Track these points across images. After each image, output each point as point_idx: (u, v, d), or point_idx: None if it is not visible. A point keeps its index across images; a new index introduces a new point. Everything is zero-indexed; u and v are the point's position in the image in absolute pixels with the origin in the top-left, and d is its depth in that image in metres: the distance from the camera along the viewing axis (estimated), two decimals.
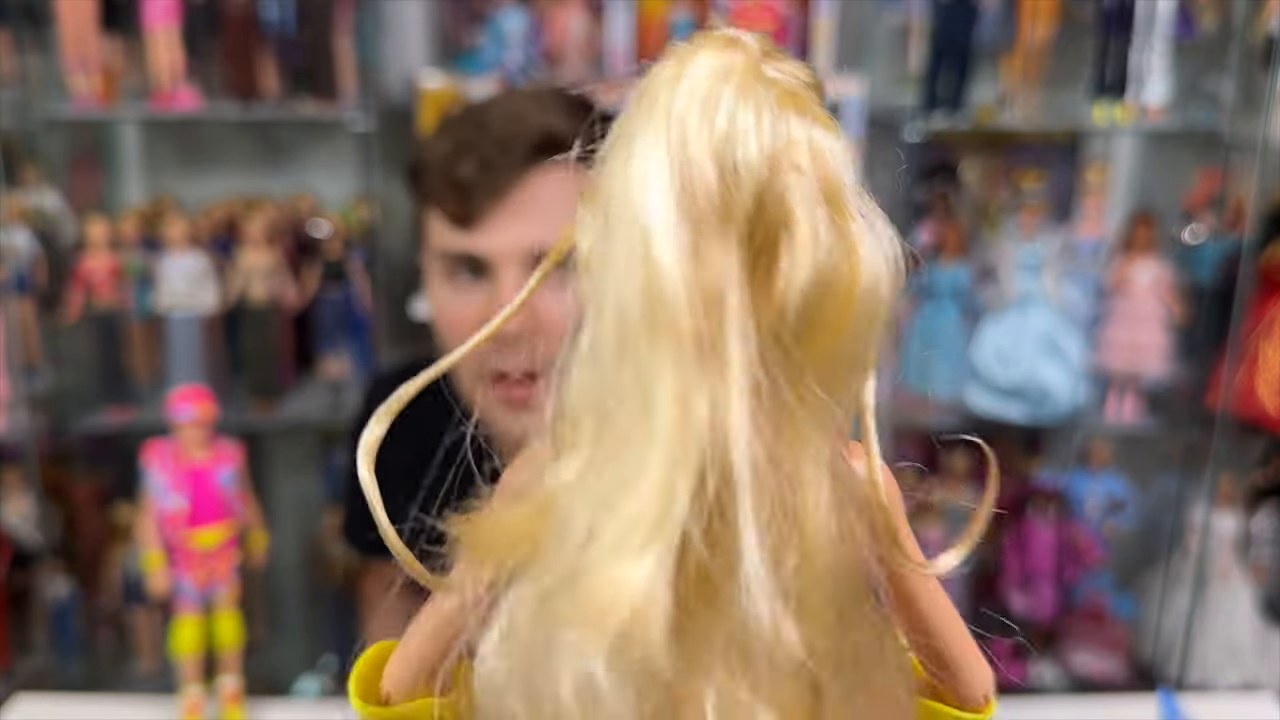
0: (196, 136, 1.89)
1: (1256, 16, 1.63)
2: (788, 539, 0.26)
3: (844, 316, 0.27)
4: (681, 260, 0.24)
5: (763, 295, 0.26)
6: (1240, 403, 1.67)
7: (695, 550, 0.25)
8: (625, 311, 0.25)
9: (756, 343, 0.25)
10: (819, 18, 1.71)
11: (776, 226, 0.26)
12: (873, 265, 0.27)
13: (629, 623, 0.24)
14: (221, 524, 1.15)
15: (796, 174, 0.26)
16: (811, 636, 0.27)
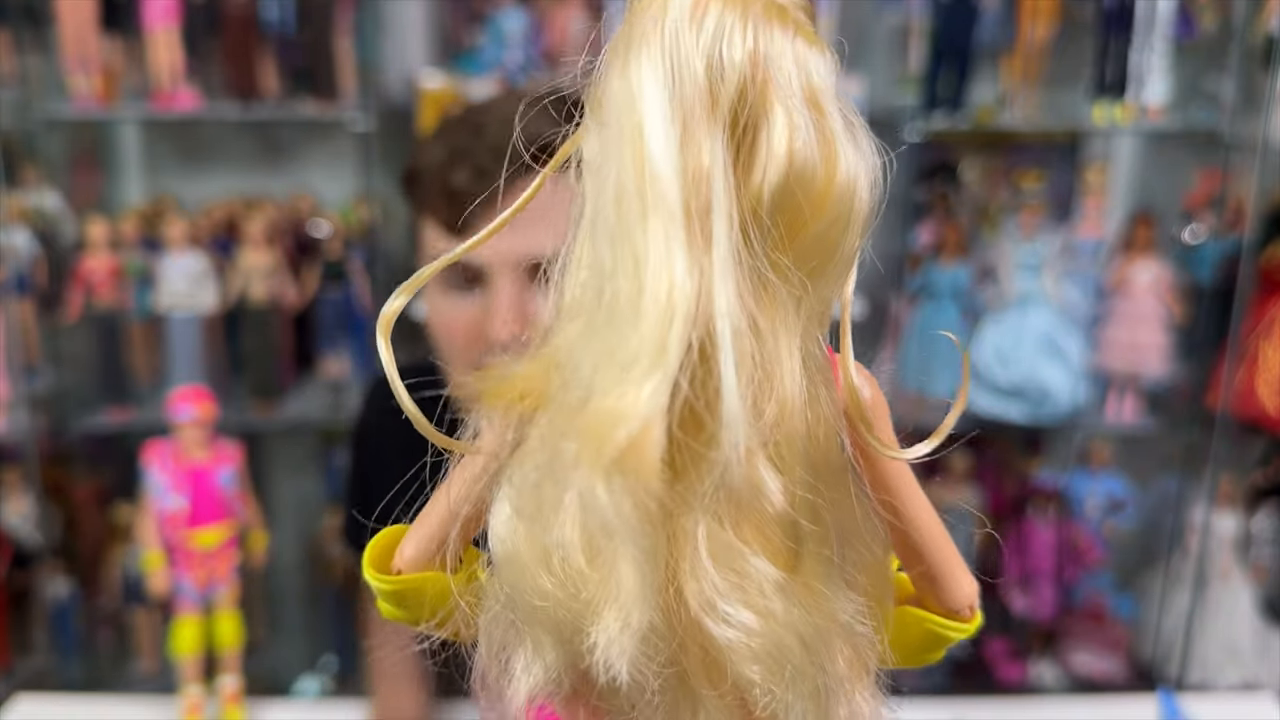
0: (196, 136, 1.88)
1: (1256, 16, 1.63)
2: (765, 393, 0.29)
3: (820, 206, 0.29)
4: (672, 145, 0.27)
5: (745, 179, 0.28)
6: (1240, 403, 1.67)
7: (684, 393, 0.28)
8: (623, 191, 0.28)
9: (739, 221, 0.28)
10: (819, 18, 1.71)
11: (758, 117, 0.28)
12: (850, 164, 0.30)
13: (627, 447, 0.27)
14: (221, 524, 1.15)
15: (778, 74, 0.28)
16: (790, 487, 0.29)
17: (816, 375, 0.31)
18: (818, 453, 0.30)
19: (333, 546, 1.79)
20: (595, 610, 0.29)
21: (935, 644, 0.37)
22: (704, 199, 0.28)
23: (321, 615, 1.87)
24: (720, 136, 0.28)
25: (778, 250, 0.29)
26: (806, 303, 0.30)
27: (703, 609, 0.29)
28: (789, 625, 0.30)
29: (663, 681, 0.30)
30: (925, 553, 0.36)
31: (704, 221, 0.28)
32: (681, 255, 0.27)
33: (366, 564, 0.37)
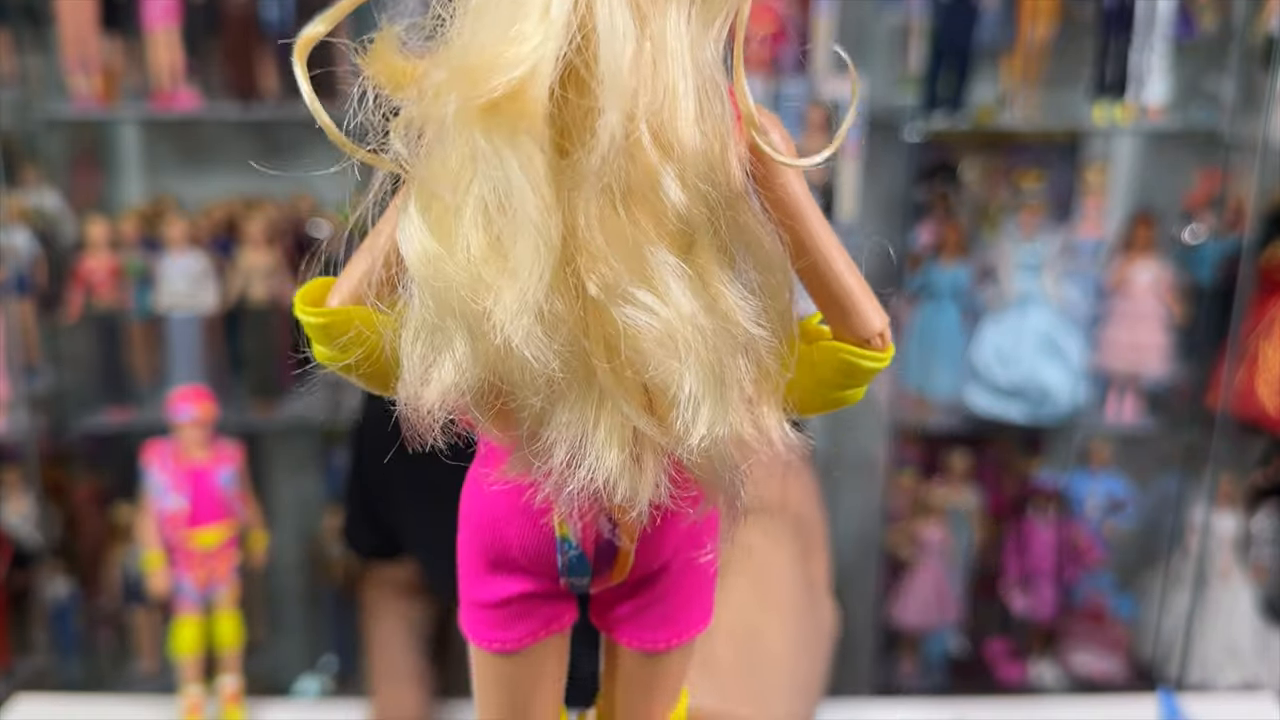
0: (196, 136, 1.88)
1: (1256, 16, 1.63)
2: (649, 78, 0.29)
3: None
4: None
5: None
6: (1240, 403, 1.67)
7: (567, 57, 0.29)
8: None
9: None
10: (819, 18, 1.71)
11: None
12: None
13: (506, 94, 0.28)
14: (221, 524, 1.15)
15: None
16: (684, 179, 0.30)
17: (708, 86, 0.31)
18: (712, 160, 0.31)
19: (333, 546, 1.80)
20: (496, 291, 0.30)
21: (850, 375, 0.36)
22: None
23: (321, 615, 1.87)
24: None
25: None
26: (697, 14, 0.30)
27: (600, 289, 0.30)
28: (684, 308, 0.30)
29: (564, 364, 0.30)
30: (828, 279, 0.36)
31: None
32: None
33: (298, 301, 0.38)
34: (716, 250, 0.32)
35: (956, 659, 1.88)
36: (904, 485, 1.83)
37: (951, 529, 1.81)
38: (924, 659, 1.87)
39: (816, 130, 1.69)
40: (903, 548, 1.82)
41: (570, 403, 0.32)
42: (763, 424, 0.34)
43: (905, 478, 1.83)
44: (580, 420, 0.32)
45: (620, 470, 0.32)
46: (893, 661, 1.87)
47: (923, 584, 1.80)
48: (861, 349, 0.36)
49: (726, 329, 0.31)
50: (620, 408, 0.31)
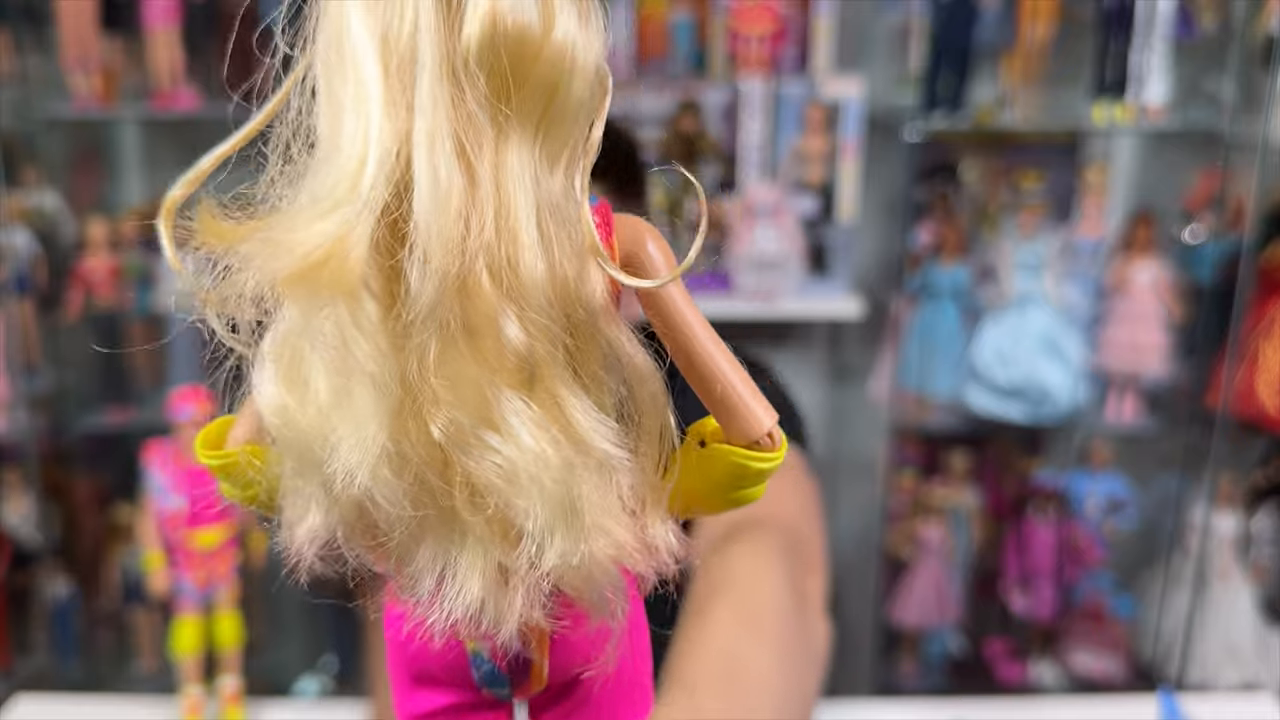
0: (196, 136, 1.88)
1: (1256, 16, 1.63)
2: (479, 222, 0.30)
3: (534, 64, 0.30)
4: (369, 10, 0.30)
5: (454, 33, 0.30)
6: (1240, 403, 1.67)
7: (383, 222, 0.30)
8: (326, 57, 0.30)
9: (449, 73, 0.30)
10: (819, 18, 1.71)
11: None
12: (567, 30, 0.31)
13: (318, 264, 0.29)
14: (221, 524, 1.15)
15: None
16: (526, 315, 0.31)
17: (554, 216, 0.32)
18: (557, 286, 0.31)
19: None
20: (342, 439, 0.31)
21: (743, 477, 0.36)
22: (405, 56, 0.30)
23: (321, 615, 1.87)
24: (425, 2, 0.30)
25: (496, 97, 0.30)
26: (541, 146, 0.31)
27: (443, 432, 0.31)
28: (529, 446, 0.31)
29: (415, 503, 0.32)
30: (712, 384, 0.36)
31: (406, 72, 0.30)
32: (378, 104, 0.29)
33: (198, 444, 0.38)
34: (566, 378, 0.32)
35: (956, 659, 1.88)
36: (904, 485, 1.83)
37: (951, 529, 1.81)
38: (924, 659, 1.87)
39: (816, 130, 1.69)
40: (903, 548, 1.82)
41: (431, 536, 0.33)
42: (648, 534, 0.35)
43: (905, 478, 1.83)
44: (442, 552, 0.33)
45: (485, 597, 0.33)
46: (893, 661, 1.87)
47: (923, 584, 1.80)
48: (751, 450, 0.36)
49: (580, 455, 0.32)
50: (477, 540, 0.32)
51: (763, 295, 1.70)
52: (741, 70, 1.69)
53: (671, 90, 1.69)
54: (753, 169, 1.71)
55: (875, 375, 1.81)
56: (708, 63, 1.74)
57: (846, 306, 1.74)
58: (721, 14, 1.71)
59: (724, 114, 1.70)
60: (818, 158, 1.70)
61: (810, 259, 1.73)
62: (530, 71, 0.31)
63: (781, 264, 1.68)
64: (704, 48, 1.75)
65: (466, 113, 0.30)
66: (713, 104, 1.70)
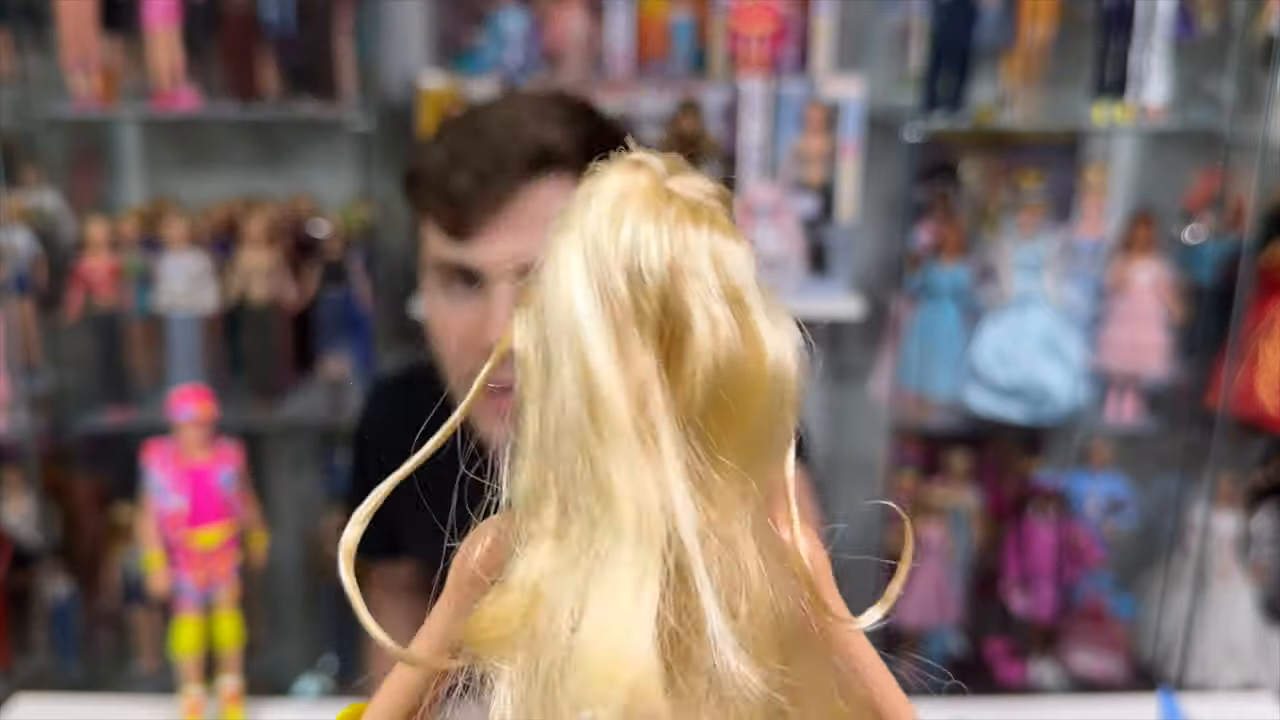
0: (196, 136, 1.88)
1: (1256, 16, 1.63)
2: (736, 594, 0.30)
3: (752, 396, 0.30)
4: (612, 359, 0.29)
5: (676, 386, 0.30)
6: (1240, 403, 1.67)
7: (667, 619, 0.29)
8: (569, 409, 0.29)
9: (680, 429, 0.29)
10: (819, 18, 1.71)
11: (681, 324, 0.29)
12: (775, 349, 0.30)
13: (632, 690, 0.27)
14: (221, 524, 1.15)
15: (695, 277, 0.30)
16: (767, 673, 0.30)
17: (772, 557, 0.32)
18: (787, 632, 0.32)
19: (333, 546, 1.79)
20: None
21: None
22: (648, 414, 0.29)
23: (321, 615, 1.87)
24: (650, 348, 0.29)
25: (719, 447, 0.30)
26: (755, 487, 0.31)
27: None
28: None
29: None
30: (876, 701, 0.37)
31: (651, 436, 0.29)
32: (640, 474, 0.28)
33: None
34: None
35: (956, 659, 1.88)
36: (904, 485, 1.83)
37: (951, 529, 1.81)
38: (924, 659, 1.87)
39: (816, 130, 1.69)
40: None
41: None
42: None
43: (905, 478, 1.83)
44: None
45: None
46: (893, 661, 1.87)
47: (923, 584, 1.80)
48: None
49: None
50: None
51: None
52: (741, 70, 1.69)
53: (671, 90, 1.69)
54: (753, 169, 1.71)
55: (875, 375, 1.81)
56: (708, 63, 1.74)
57: (846, 306, 1.74)
58: (721, 14, 1.71)
59: (724, 114, 1.70)
60: (818, 158, 1.70)
61: (810, 259, 1.73)
62: (749, 410, 0.30)
63: (781, 264, 1.68)
64: (704, 48, 1.74)
65: (698, 469, 0.30)
66: (713, 104, 1.70)
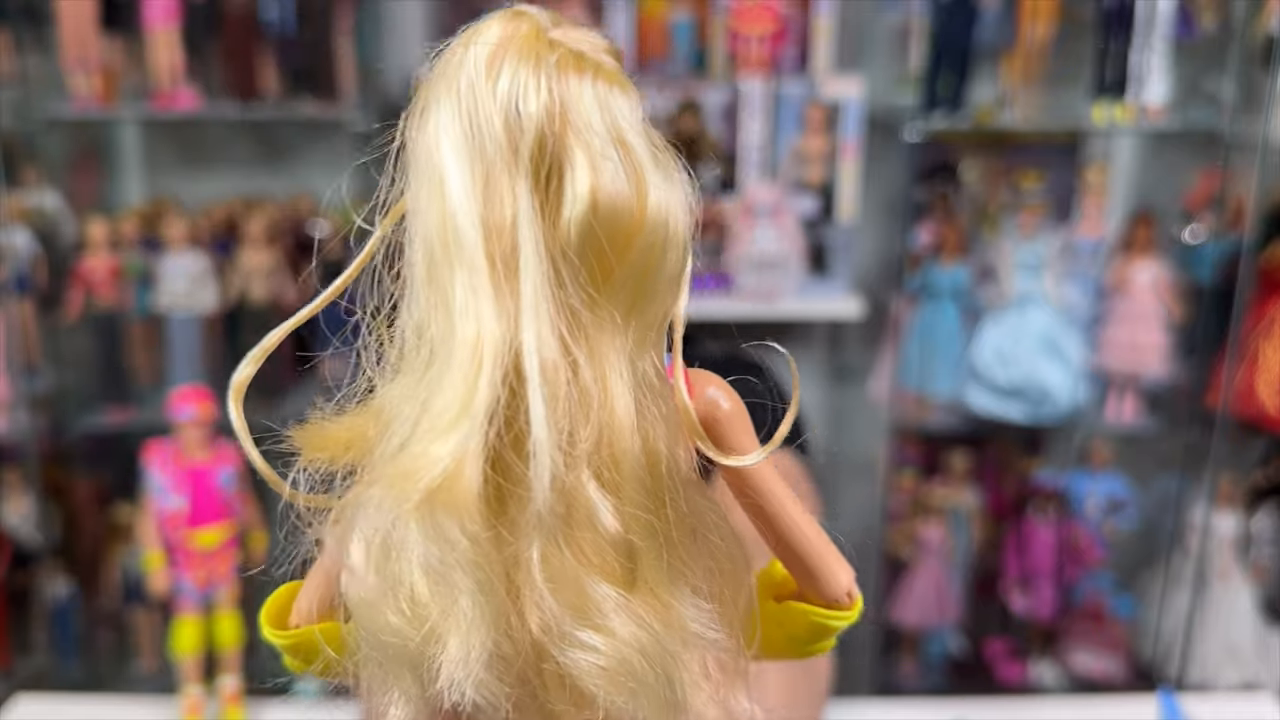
0: (196, 136, 1.88)
1: (1256, 16, 1.63)
2: (584, 420, 0.30)
3: (634, 236, 0.31)
4: (471, 199, 0.29)
5: (554, 222, 0.30)
6: (1240, 403, 1.67)
7: (495, 431, 0.30)
8: (430, 245, 0.30)
9: (549, 264, 0.30)
10: (819, 18, 1.71)
11: (560, 162, 0.30)
12: (660, 192, 0.31)
13: (436, 489, 0.29)
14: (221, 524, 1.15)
15: (577, 120, 0.30)
16: (622, 506, 0.31)
17: (649, 394, 0.32)
18: (653, 469, 0.32)
19: None
20: (441, 640, 0.30)
21: (820, 633, 0.38)
22: (508, 246, 0.30)
23: None
24: (524, 185, 0.30)
25: (594, 284, 0.31)
26: (634, 327, 0.31)
27: (542, 631, 0.31)
28: (629, 642, 0.31)
29: (516, 702, 0.32)
30: (795, 549, 0.37)
31: (510, 268, 0.30)
32: (488, 303, 0.29)
33: (263, 621, 0.38)
34: (661, 566, 0.32)
35: (956, 659, 1.88)
36: (904, 485, 1.83)
37: (951, 529, 1.81)
38: (924, 659, 1.87)
39: (816, 130, 1.69)
40: (903, 548, 1.82)
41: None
42: (729, 706, 0.36)
43: (905, 478, 1.83)
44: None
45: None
46: (893, 661, 1.87)
47: (923, 584, 1.80)
48: (830, 609, 0.37)
49: (680, 644, 0.32)
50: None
51: (763, 295, 1.70)
52: (741, 70, 1.69)
53: (671, 90, 1.69)
54: (753, 169, 1.71)
55: (875, 375, 1.81)
56: (708, 63, 1.74)
57: (846, 306, 1.74)
58: (721, 14, 1.70)
59: (724, 114, 1.70)
60: (818, 158, 1.70)
61: (810, 259, 1.73)
62: (627, 251, 0.31)
63: (781, 264, 1.68)
64: (704, 48, 1.74)
65: (567, 305, 0.30)
66: (713, 104, 1.70)
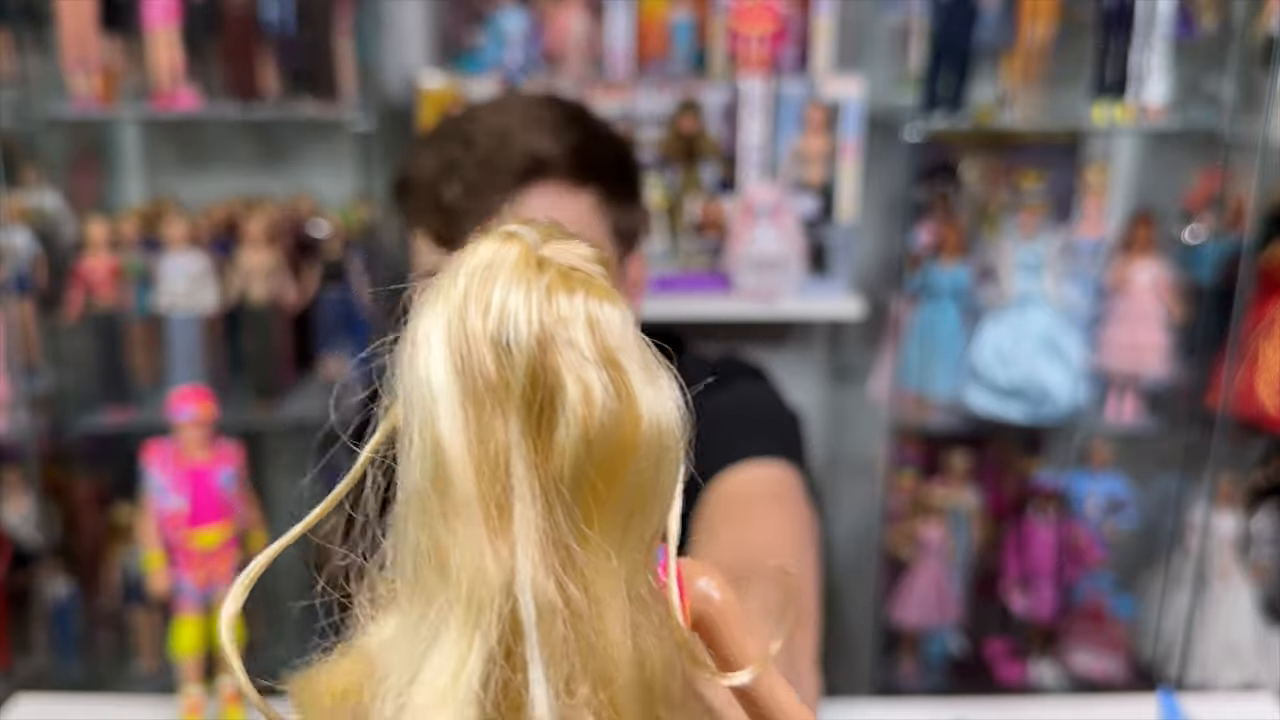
0: (196, 136, 1.89)
1: (1256, 16, 1.63)
2: (587, 660, 0.30)
3: (628, 458, 0.30)
4: (462, 435, 0.29)
5: (546, 455, 0.29)
6: (1240, 403, 1.67)
7: (495, 686, 0.29)
8: (419, 482, 0.29)
9: (543, 500, 0.29)
10: (819, 18, 1.71)
11: (552, 394, 0.29)
12: (652, 409, 0.30)
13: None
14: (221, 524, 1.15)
15: (567, 345, 0.29)
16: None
17: (645, 616, 0.31)
18: (658, 689, 0.31)
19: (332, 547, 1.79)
20: None
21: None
22: (502, 485, 0.29)
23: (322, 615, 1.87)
24: (514, 419, 0.29)
25: (587, 517, 0.30)
26: (629, 549, 0.31)
27: None
28: None
29: None
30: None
31: (503, 509, 0.29)
32: (486, 548, 0.28)
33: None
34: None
35: (956, 659, 1.88)
36: (904, 485, 1.83)
37: (951, 529, 1.81)
38: (924, 659, 1.87)
39: (816, 130, 1.69)
40: (903, 548, 1.82)
41: None
42: None
43: (905, 478, 1.83)
44: None
45: None
46: (893, 661, 1.87)
47: (923, 584, 1.80)
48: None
49: None
50: None
51: (763, 295, 1.70)
52: (741, 70, 1.69)
53: (671, 90, 1.69)
54: (753, 169, 1.71)
55: (875, 375, 1.81)
56: (708, 63, 1.74)
57: (846, 306, 1.74)
58: (721, 14, 1.71)
59: (724, 114, 1.70)
60: (818, 158, 1.70)
61: (810, 259, 1.73)
62: (621, 476, 0.30)
63: (781, 264, 1.68)
64: (704, 48, 1.75)
65: (562, 543, 0.29)
66: (713, 104, 1.70)
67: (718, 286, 1.74)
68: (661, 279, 1.72)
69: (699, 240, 1.74)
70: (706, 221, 1.73)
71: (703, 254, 1.75)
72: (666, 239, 1.73)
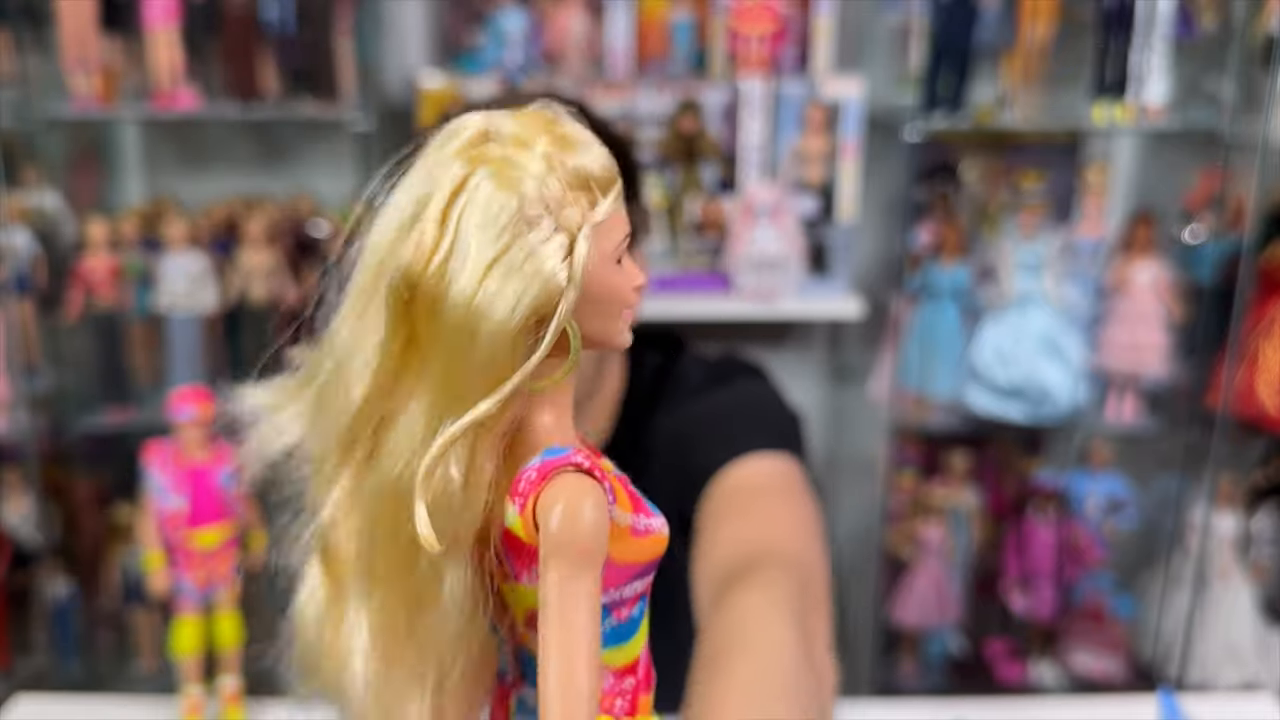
0: (196, 136, 1.88)
1: (1256, 16, 1.63)
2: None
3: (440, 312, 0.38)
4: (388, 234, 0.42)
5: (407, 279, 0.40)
6: (1240, 403, 1.67)
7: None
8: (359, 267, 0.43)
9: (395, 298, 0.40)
10: (819, 18, 1.71)
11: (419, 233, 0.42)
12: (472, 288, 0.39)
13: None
14: (221, 524, 1.15)
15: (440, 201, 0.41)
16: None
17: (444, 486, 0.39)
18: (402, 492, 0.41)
19: None
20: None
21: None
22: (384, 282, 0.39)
23: None
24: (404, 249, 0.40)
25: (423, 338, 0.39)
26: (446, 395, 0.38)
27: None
28: None
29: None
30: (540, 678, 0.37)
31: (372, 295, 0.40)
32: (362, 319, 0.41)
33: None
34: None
35: (956, 659, 1.88)
36: (904, 485, 1.83)
37: (951, 529, 1.81)
38: (924, 659, 1.87)
39: (816, 130, 1.69)
40: (903, 548, 1.82)
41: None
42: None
43: (905, 478, 1.83)
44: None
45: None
46: (893, 661, 1.87)
47: (923, 584, 1.80)
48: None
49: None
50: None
51: (763, 295, 1.70)
52: (741, 70, 1.69)
53: (671, 90, 1.69)
54: (753, 169, 1.71)
55: (875, 375, 1.81)
56: (708, 63, 1.74)
57: (846, 306, 1.74)
58: (721, 14, 1.71)
59: (724, 114, 1.70)
60: (818, 158, 1.70)
61: (810, 259, 1.73)
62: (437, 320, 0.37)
63: (781, 264, 1.68)
64: (704, 48, 1.75)
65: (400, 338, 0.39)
66: (713, 104, 1.70)
67: (718, 286, 1.74)
68: (661, 279, 1.72)
69: (699, 240, 1.74)
70: (706, 221, 1.73)
71: (703, 254, 1.75)
72: (666, 239, 1.73)
